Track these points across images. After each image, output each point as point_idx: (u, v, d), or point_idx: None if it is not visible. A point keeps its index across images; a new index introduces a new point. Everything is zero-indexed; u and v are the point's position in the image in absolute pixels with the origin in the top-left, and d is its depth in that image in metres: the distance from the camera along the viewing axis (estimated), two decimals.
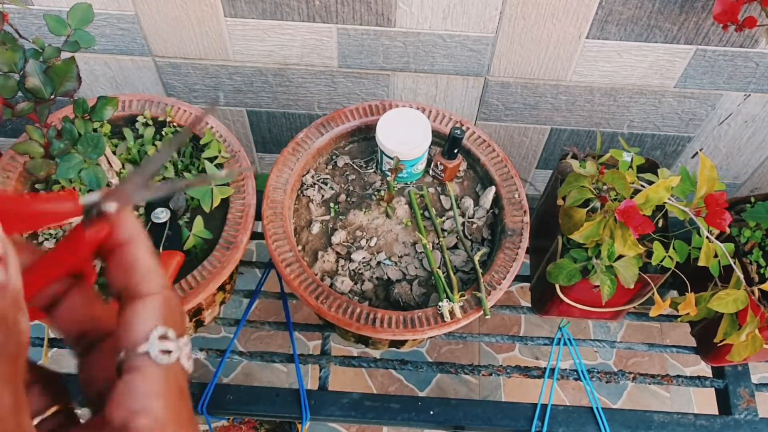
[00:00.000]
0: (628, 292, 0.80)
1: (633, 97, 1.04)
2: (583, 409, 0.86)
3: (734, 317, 0.73)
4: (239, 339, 1.41)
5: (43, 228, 0.28)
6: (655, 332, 1.46)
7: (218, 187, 0.80)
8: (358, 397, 0.86)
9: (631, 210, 0.67)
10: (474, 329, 1.36)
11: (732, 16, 0.73)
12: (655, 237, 0.77)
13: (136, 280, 0.25)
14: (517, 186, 0.83)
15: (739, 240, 0.82)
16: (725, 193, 0.69)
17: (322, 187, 0.85)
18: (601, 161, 0.80)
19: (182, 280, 0.74)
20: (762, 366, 1.42)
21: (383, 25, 0.92)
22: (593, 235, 0.71)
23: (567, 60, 0.97)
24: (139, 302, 0.25)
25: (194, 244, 0.78)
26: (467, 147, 0.86)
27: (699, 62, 0.96)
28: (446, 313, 0.72)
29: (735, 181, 1.23)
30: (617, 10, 0.88)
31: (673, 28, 0.90)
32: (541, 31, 0.92)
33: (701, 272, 0.76)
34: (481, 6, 0.89)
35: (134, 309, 0.25)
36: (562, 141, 1.15)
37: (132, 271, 0.25)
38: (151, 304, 0.25)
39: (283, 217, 0.79)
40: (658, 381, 0.90)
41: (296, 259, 0.76)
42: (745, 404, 0.88)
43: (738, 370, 0.91)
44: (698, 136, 1.12)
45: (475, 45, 0.95)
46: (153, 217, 0.79)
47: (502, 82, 1.02)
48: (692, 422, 0.86)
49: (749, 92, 1.01)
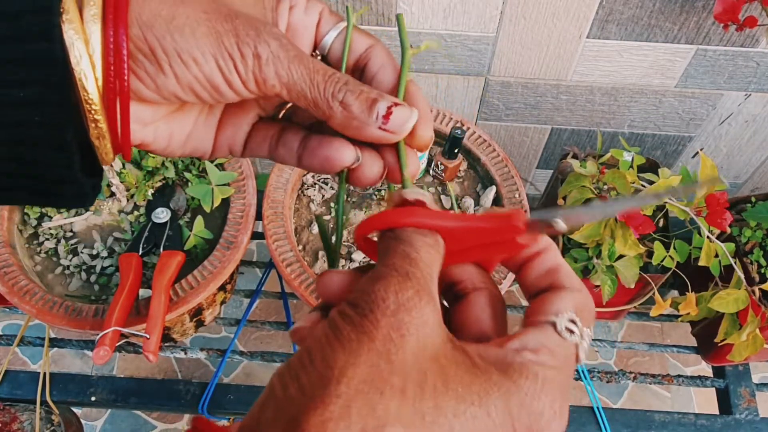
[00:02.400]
0: (628, 292, 0.80)
1: (634, 96, 1.04)
2: (584, 409, 0.86)
3: (735, 317, 0.73)
4: (240, 339, 1.41)
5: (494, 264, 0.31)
6: (656, 332, 1.46)
7: (219, 186, 0.80)
8: None
9: (631, 210, 0.67)
10: None
11: (733, 16, 0.73)
12: (656, 237, 0.77)
13: (562, 278, 0.28)
14: (518, 186, 0.83)
15: (740, 240, 0.82)
16: (726, 193, 0.69)
17: (323, 187, 0.85)
18: (601, 161, 0.80)
19: (183, 280, 0.74)
20: (763, 366, 1.42)
21: (384, 25, 0.92)
22: (594, 234, 0.71)
23: (568, 60, 0.97)
24: (562, 291, 0.27)
25: (195, 244, 0.78)
26: (468, 147, 0.86)
27: (700, 62, 0.96)
28: None
29: (736, 180, 1.23)
30: (618, 9, 0.88)
31: (674, 27, 0.90)
32: (541, 31, 0.92)
33: (702, 272, 0.76)
34: (482, 5, 0.88)
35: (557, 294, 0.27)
36: (563, 141, 1.15)
37: (557, 271, 0.28)
38: (571, 294, 0.27)
39: (283, 216, 0.79)
40: (659, 381, 0.90)
41: (297, 258, 0.76)
42: (745, 404, 0.88)
43: (739, 369, 0.91)
44: (699, 135, 1.12)
45: (476, 44, 0.95)
46: (154, 217, 0.79)
47: (503, 82, 1.02)
48: (693, 422, 0.86)
49: (750, 92, 1.01)
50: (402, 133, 0.30)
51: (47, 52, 0.25)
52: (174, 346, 0.86)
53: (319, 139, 0.31)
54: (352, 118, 0.29)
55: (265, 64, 0.28)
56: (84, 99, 0.26)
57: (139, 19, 0.26)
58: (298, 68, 0.28)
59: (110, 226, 0.82)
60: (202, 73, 0.27)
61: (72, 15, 0.25)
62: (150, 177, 0.83)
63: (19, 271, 0.74)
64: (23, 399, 0.85)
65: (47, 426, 0.86)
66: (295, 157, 0.33)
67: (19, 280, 0.74)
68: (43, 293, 0.73)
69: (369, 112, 0.29)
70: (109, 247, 0.80)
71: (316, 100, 0.29)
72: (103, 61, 0.26)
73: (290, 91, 0.29)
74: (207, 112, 0.33)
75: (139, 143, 0.31)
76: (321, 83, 0.29)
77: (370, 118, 0.29)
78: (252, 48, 0.27)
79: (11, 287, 0.73)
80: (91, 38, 0.26)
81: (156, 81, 0.28)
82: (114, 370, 1.37)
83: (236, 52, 0.27)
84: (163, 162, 0.83)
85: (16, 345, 0.87)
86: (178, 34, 0.27)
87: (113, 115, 0.28)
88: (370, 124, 0.29)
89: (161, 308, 0.70)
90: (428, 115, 0.31)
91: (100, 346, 0.66)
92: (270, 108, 0.34)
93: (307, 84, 0.28)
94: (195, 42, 0.27)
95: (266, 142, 0.34)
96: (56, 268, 0.79)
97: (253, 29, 0.27)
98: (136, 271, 0.73)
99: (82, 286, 0.78)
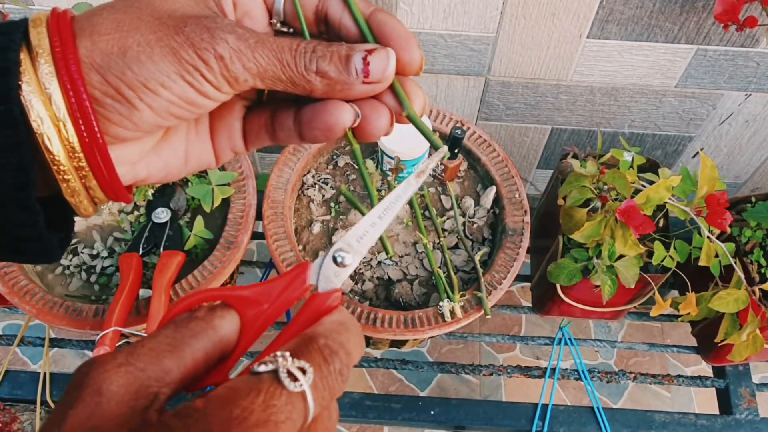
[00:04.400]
0: (628, 292, 0.80)
1: (634, 96, 1.04)
2: (584, 409, 0.86)
3: (735, 317, 0.73)
4: None
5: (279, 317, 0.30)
6: (656, 332, 1.46)
7: (219, 186, 0.80)
8: (358, 396, 0.86)
9: (631, 210, 0.67)
10: (475, 329, 1.36)
11: (733, 16, 0.73)
12: (656, 237, 0.77)
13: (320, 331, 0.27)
14: (518, 186, 0.83)
15: (740, 240, 0.82)
16: (726, 193, 0.69)
17: (323, 187, 0.85)
18: (601, 161, 0.80)
19: (183, 280, 0.74)
20: (763, 366, 1.42)
21: None
22: (594, 234, 0.71)
23: (568, 60, 0.97)
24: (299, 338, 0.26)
25: (195, 244, 0.78)
26: (468, 147, 0.86)
27: (700, 62, 0.96)
28: (447, 313, 0.72)
29: (736, 180, 1.23)
30: (618, 9, 0.88)
31: (674, 27, 0.90)
32: (541, 31, 0.92)
33: (702, 272, 0.76)
34: (482, 5, 0.88)
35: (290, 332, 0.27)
36: (563, 141, 1.15)
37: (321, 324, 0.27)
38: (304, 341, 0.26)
39: (283, 216, 0.79)
40: (659, 381, 0.90)
41: (297, 258, 0.76)
42: (746, 404, 0.88)
43: (739, 369, 0.91)
44: (699, 135, 1.12)
45: (476, 45, 0.95)
46: (154, 217, 0.79)
47: (503, 82, 1.02)
48: (693, 422, 0.86)
49: (750, 92, 1.01)
50: (387, 78, 0.29)
51: (5, 113, 0.24)
52: None
53: (313, 109, 0.30)
54: (334, 83, 0.28)
55: (230, 63, 0.27)
56: (50, 160, 0.26)
57: (94, 64, 0.26)
58: (263, 54, 0.27)
59: (110, 226, 0.82)
60: (174, 94, 0.27)
61: (29, 76, 0.25)
62: None
63: (19, 271, 0.74)
64: (23, 399, 0.85)
65: None
66: (295, 136, 0.32)
67: (19, 280, 0.74)
68: (43, 293, 0.73)
69: (347, 71, 0.28)
70: (109, 247, 0.80)
71: (292, 79, 0.28)
72: (71, 117, 0.26)
73: (264, 79, 0.28)
74: (194, 127, 0.32)
75: (132, 182, 0.31)
76: (290, 61, 0.28)
77: (350, 77, 0.28)
78: (212, 52, 0.26)
79: (11, 287, 0.73)
80: (53, 96, 0.25)
81: (132, 119, 0.27)
82: None
83: (198, 61, 0.26)
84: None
85: (16, 345, 0.87)
86: (136, 66, 0.26)
87: (97, 167, 0.27)
88: (353, 83, 0.28)
89: (161, 308, 0.70)
90: (408, 37, 0.30)
91: (100, 346, 0.66)
92: (252, 95, 0.33)
93: (277, 67, 0.27)
94: (156, 67, 0.26)
95: (263, 131, 0.33)
96: (56, 268, 0.79)
97: (205, 32, 0.27)
98: (136, 271, 0.74)
99: (82, 286, 0.78)
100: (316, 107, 0.30)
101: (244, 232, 0.78)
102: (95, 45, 0.26)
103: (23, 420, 0.85)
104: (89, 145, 0.26)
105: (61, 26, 0.26)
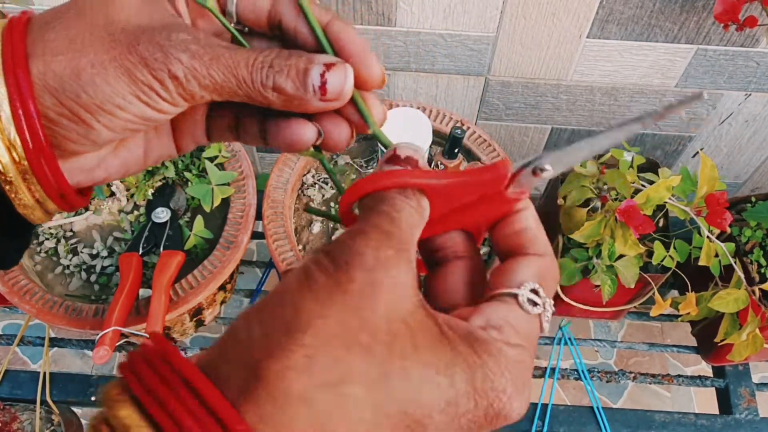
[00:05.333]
0: (628, 292, 0.80)
1: (634, 96, 1.04)
2: (584, 409, 0.86)
3: (735, 317, 0.73)
4: None
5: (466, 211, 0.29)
6: (656, 332, 1.46)
7: (219, 186, 0.80)
8: None
9: (631, 210, 0.67)
10: None
11: (733, 16, 0.73)
12: (656, 236, 0.77)
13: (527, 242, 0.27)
14: None
15: (740, 239, 0.82)
16: (726, 193, 0.69)
17: (323, 187, 0.85)
18: (601, 161, 0.80)
19: (183, 280, 0.74)
20: (763, 365, 1.42)
21: (384, 24, 0.92)
22: (594, 234, 0.71)
23: (568, 59, 0.97)
24: (525, 258, 0.27)
25: (195, 244, 0.78)
26: (468, 147, 0.86)
27: (700, 62, 0.96)
28: None
29: (736, 180, 1.23)
30: (618, 9, 0.88)
31: (674, 27, 0.90)
32: (541, 31, 0.92)
33: (702, 272, 0.76)
34: (482, 5, 0.88)
35: (518, 261, 0.27)
36: (563, 140, 1.15)
37: (523, 234, 0.28)
38: (534, 262, 0.27)
39: (283, 216, 0.79)
40: (659, 381, 0.90)
41: (297, 258, 0.76)
42: (745, 404, 0.88)
43: (739, 369, 0.91)
44: (699, 135, 1.12)
45: (476, 44, 0.95)
46: (153, 217, 0.79)
47: (503, 82, 1.02)
48: (693, 422, 0.86)
49: (750, 92, 1.01)
50: (344, 96, 0.28)
51: None
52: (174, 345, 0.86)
53: (276, 124, 0.30)
54: (291, 99, 0.28)
55: (185, 82, 0.26)
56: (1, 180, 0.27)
57: (48, 86, 0.26)
58: (219, 71, 0.27)
59: (110, 225, 0.82)
60: (130, 113, 0.27)
61: None
62: (150, 176, 0.83)
63: (19, 270, 0.74)
64: (23, 399, 0.85)
65: (47, 426, 0.86)
66: (261, 142, 0.32)
67: (19, 280, 0.74)
68: (43, 293, 0.73)
69: (304, 88, 0.27)
70: (109, 246, 0.80)
71: (249, 95, 0.28)
72: (20, 137, 0.26)
73: (221, 94, 0.28)
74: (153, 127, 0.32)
75: (92, 184, 0.31)
76: (247, 77, 0.27)
77: (307, 94, 0.27)
78: (166, 72, 0.26)
79: (11, 287, 0.73)
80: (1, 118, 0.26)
81: (89, 137, 0.27)
82: (114, 370, 1.37)
83: (153, 81, 0.26)
84: (163, 162, 0.83)
85: (16, 345, 0.87)
86: (90, 89, 0.26)
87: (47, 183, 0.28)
88: (310, 100, 0.28)
89: (161, 308, 0.70)
90: (366, 53, 0.29)
91: (100, 346, 0.66)
92: None
93: (233, 82, 0.27)
94: (110, 89, 0.26)
95: (227, 130, 0.33)
96: (56, 268, 0.79)
97: (159, 50, 0.26)
98: (136, 270, 0.74)
99: (82, 285, 0.78)
100: (279, 124, 0.30)
101: (244, 231, 0.78)
102: (48, 66, 0.26)
103: (23, 420, 0.85)
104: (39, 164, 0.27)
105: (15, 43, 0.26)
